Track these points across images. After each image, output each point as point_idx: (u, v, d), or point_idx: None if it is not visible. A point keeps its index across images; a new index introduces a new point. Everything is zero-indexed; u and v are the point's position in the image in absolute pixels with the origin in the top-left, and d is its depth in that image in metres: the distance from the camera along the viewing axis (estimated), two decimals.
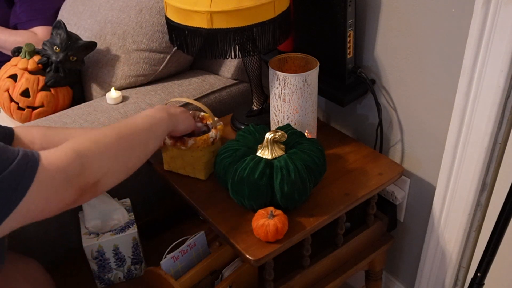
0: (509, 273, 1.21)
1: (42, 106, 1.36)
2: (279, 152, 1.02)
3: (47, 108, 1.36)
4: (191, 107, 1.34)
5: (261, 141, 1.05)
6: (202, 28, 1.02)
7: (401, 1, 1.10)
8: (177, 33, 1.07)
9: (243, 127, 1.26)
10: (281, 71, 1.10)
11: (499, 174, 1.12)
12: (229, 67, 1.48)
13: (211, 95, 1.43)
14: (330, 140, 1.26)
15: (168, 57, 1.42)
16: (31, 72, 1.35)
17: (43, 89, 1.36)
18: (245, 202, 1.01)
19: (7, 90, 1.35)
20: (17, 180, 0.71)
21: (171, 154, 1.14)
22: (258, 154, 1.02)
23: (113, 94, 1.33)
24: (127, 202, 1.23)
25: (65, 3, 1.61)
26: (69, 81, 1.40)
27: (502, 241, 0.95)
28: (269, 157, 1.01)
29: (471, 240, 1.23)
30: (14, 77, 1.35)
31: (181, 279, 1.06)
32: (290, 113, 1.13)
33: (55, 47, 1.35)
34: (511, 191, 0.88)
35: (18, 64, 1.36)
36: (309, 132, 1.17)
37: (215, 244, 1.16)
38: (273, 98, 1.14)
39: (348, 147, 1.24)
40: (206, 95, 1.42)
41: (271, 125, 1.20)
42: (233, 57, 1.07)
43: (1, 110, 1.44)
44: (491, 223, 0.95)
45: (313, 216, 1.03)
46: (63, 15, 1.58)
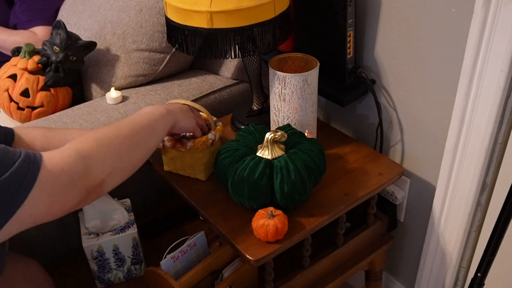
0: (509, 273, 1.21)
1: (42, 106, 1.36)
2: (279, 152, 1.02)
3: (47, 108, 1.36)
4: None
5: (261, 141, 1.05)
6: (202, 28, 1.02)
7: (401, 1, 1.10)
8: (177, 33, 1.07)
9: (243, 127, 1.26)
10: (281, 71, 1.10)
11: (499, 174, 1.12)
12: (229, 67, 1.48)
13: (211, 95, 1.43)
14: (330, 140, 1.26)
15: (168, 57, 1.42)
16: (31, 72, 1.35)
17: (43, 89, 1.36)
18: (245, 202, 1.01)
19: (7, 90, 1.35)
20: (19, 183, 0.71)
21: (171, 155, 1.14)
22: (258, 154, 1.02)
23: (113, 94, 1.33)
24: (127, 202, 1.23)
25: (65, 3, 1.61)
26: (69, 81, 1.40)
27: (502, 241, 0.95)
28: (269, 157, 1.01)
29: (471, 240, 1.23)
30: (14, 77, 1.35)
31: (181, 279, 1.06)
32: (290, 113, 1.13)
33: (55, 47, 1.35)
34: (511, 191, 0.88)
35: (18, 64, 1.36)
36: (309, 132, 1.17)
37: (215, 244, 1.16)
38: (273, 98, 1.14)
39: (348, 147, 1.24)
40: (206, 95, 1.42)
41: (271, 125, 1.20)
42: (233, 57, 1.07)
43: (1, 110, 1.44)
44: (491, 223, 0.95)
45: (313, 216, 1.03)
46: (63, 15, 1.58)
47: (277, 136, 1.00)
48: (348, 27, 1.14)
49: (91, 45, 1.38)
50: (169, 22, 1.09)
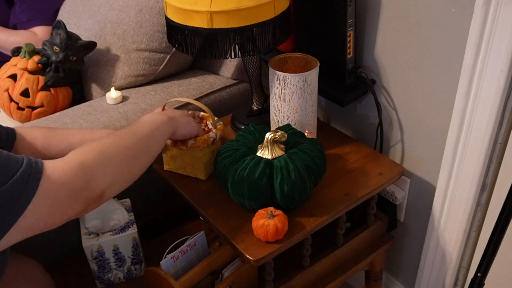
0: (509, 273, 1.21)
1: (42, 106, 1.36)
2: (279, 152, 1.02)
3: (47, 108, 1.36)
4: (191, 107, 1.34)
5: (261, 141, 1.05)
6: (202, 28, 1.02)
7: (401, 1, 1.10)
8: (177, 33, 1.07)
9: (243, 127, 1.26)
10: (281, 71, 1.10)
11: (499, 174, 1.12)
12: (229, 67, 1.48)
13: (211, 95, 1.42)
14: (330, 140, 1.26)
15: (168, 57, 1.42)
16: (31, 72, 1.35)
17: (43, 89, 1.36)
18: (245, 202, 1.01)
19: (7, 90, 1.35)
20: (20, 192, 0.71)
21: (171, 154, 1.14)
22: (258, 154, 1.02)
23: (113, 94, 1.33)
24: (127, 202, 1.23)
25: (65, 3, 1.61)
26: (69, 81, 1.40)
27: (502, 241, 0.95)
28: (269, 157, 1.01)
29: (471, 240, 1.23)
30: (14, 77, 1.35)
31: (181, 279, 1.06)
32: (290, 113, 1.13)
33: (55, 47, 1.35)
34: (511, 191, 0.88)
35: (18, 64, 1.35)
36: (309, 132, 1.17)
37: (215, 244, 1.16)
38: (273, 98, 1.14)
39: (348, 147, 1.24)
40: (206, 95, 1.42)
41: (271, 125, 1.20)
42: (233, 57, 1.07)
43: (1, 110, 1.44)
44: (491, 223, 0.95)
45: (313, 216, 1.03)
46: (63, 15, 1.58)
47: (277, 136, 1.00)
48: (348, 27, 1.14)
49: (91, 45, 1.38)
50: (169, 22, 1.09)
